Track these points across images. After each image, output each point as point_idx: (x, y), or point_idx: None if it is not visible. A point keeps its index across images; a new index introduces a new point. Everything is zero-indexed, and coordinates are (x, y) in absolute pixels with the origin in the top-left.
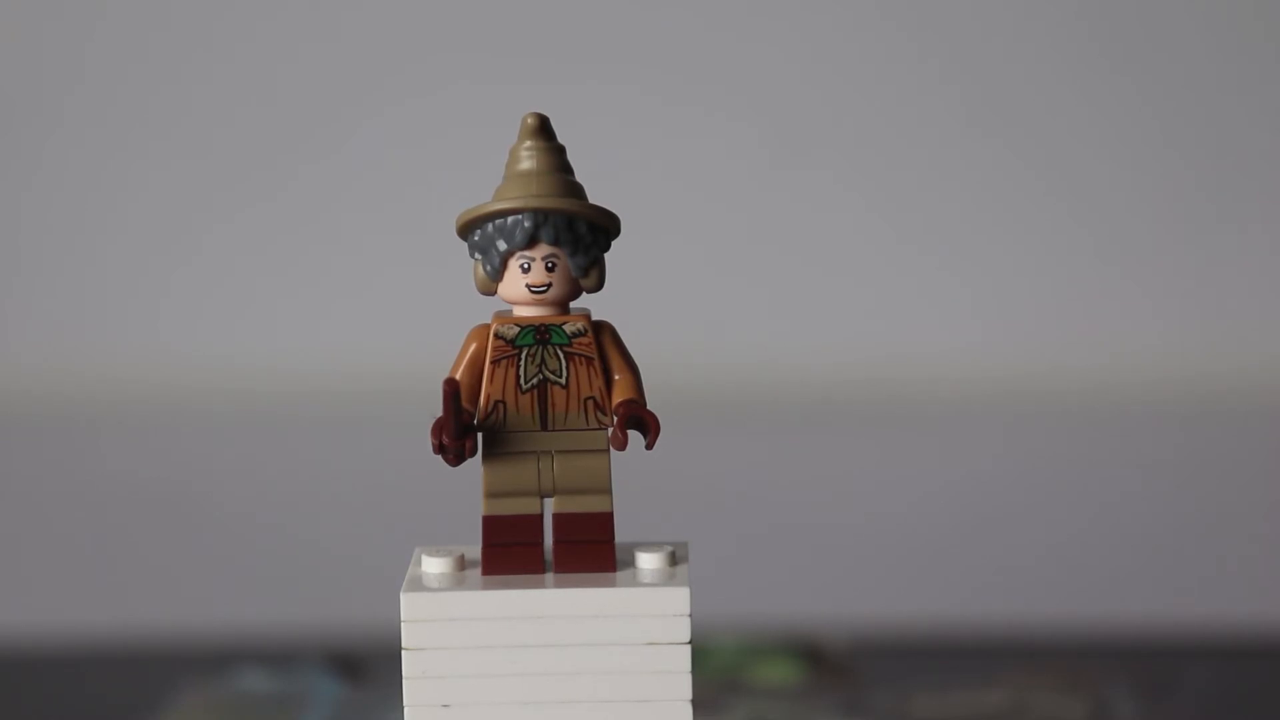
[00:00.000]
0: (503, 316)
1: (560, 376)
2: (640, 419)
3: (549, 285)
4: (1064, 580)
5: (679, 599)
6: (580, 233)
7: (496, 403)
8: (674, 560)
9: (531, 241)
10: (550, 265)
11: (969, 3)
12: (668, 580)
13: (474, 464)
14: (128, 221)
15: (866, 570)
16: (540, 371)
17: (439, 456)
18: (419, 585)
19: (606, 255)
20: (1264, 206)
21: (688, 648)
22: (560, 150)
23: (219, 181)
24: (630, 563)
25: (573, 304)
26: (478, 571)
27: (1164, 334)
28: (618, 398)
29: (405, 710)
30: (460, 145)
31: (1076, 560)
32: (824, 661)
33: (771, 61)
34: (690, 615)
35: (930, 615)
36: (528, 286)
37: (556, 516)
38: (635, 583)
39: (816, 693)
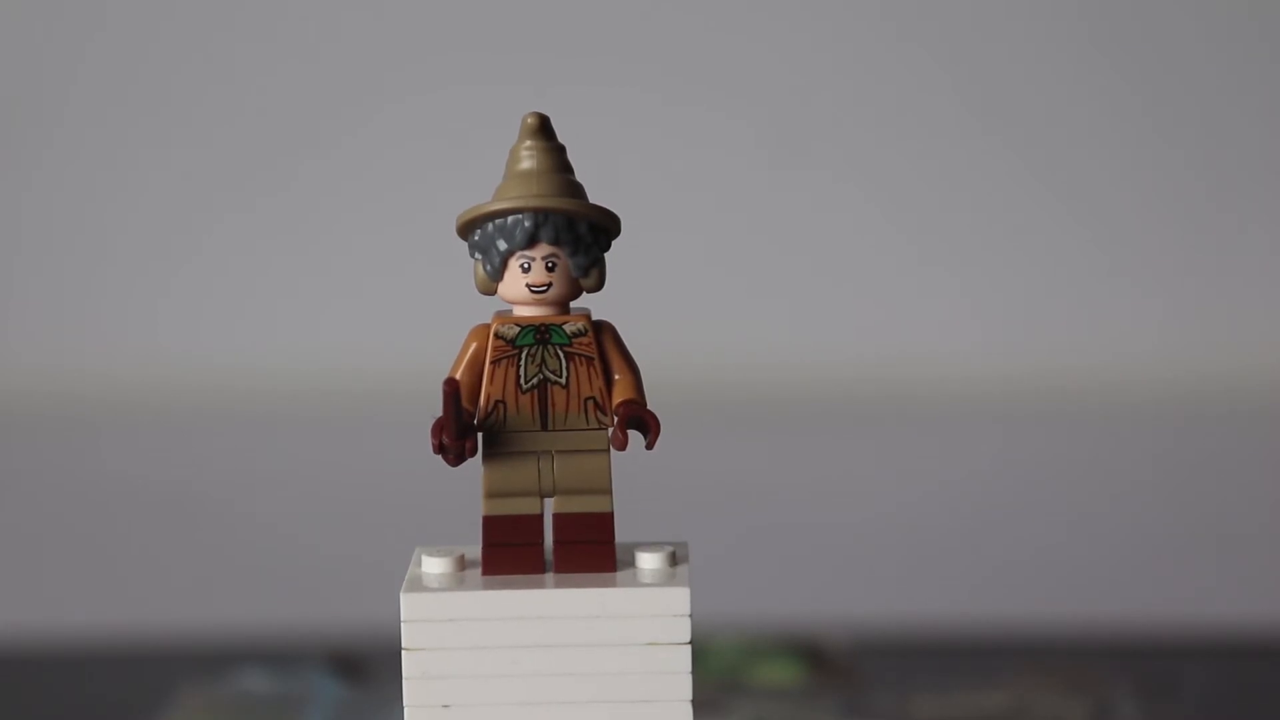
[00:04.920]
0: (503, 316)
1: (560, 376)
2: (641, 419)
3: (549, 285)
4: (1064, 580)
5: (679, 599)
6: (580, 233)
7: (497, 403)
8: (674, 560)
9: (532, 241)
10: (550, 265)
11: (969, 3)
12: (668, 580)
13: (474, 464)
14: (127, 222)
15: (866, 570)
16: (540, 371)
17: (439, 456)
18: (419, 585)
19: (607, 255)
20: (1264, 206)
21: (688, 648)
22: (561, 150)
23: (218, 182)
24: (630, 563)
25: (573, 304)
26: (478, 572)
27: (1164, 334)
28: (618, 398)
29: (405, 711)
30: (460, 145)
31: (1077, 560)
32: (825, 662)
33: (771, 61)
34: (690, 615)
35: (930, 615)
36: (528, 286)
37: (557, 517)
38: (635, 583)
39: (817, 693)
